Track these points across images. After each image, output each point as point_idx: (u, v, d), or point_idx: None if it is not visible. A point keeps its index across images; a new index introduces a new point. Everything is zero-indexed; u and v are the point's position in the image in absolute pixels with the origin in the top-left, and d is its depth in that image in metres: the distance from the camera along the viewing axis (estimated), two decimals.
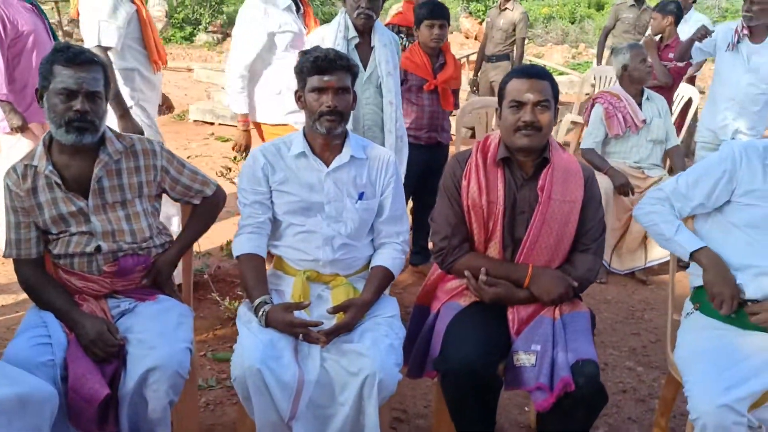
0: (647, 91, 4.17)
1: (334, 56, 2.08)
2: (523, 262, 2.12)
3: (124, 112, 3.04)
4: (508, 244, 2.16)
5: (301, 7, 3.42)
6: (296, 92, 2.19)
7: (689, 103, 5.32)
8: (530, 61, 11.25)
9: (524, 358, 1.99)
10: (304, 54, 2.13)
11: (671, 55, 4.84)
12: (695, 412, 1.82)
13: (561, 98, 7.02)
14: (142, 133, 3.08)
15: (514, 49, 6.33)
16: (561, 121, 5.97)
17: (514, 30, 6.28)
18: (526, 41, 15.37)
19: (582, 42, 15.32)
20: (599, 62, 6.80)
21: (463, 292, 2.19)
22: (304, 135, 2.20)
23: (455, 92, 3.79)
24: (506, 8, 6.20)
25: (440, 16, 3.50)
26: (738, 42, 4.03)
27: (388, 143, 3.02)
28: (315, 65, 2.07)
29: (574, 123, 5.96)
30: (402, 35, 3.78)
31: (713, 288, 2.05)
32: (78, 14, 3.11)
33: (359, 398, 1.89)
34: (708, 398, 1.81)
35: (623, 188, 3.83)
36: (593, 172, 2.22)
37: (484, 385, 1.95)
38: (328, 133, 2.12)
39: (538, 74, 2.09)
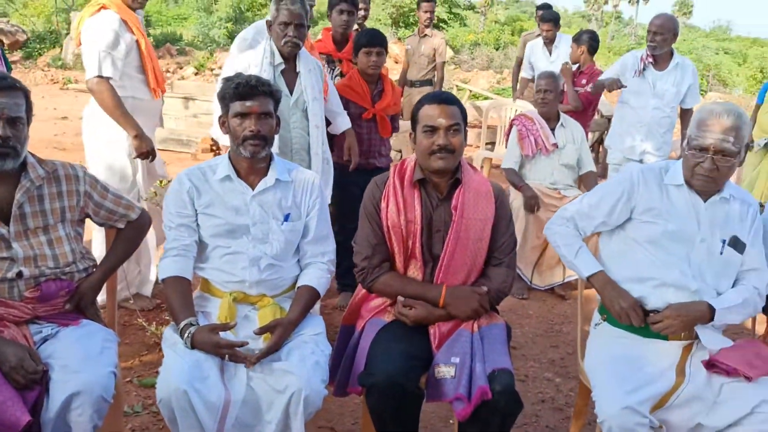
0: (563, 117, 4.42)
1: (255, 82, 2.15)
2: (442, 276, 2.23)
3: (137, 133, 3.12)
4: (428, 260, 2.27)
5: None
6: (220, 117, 2.24)
7: None
8: (456, 86, 11.63)
9: (444, 371, 2.09)
10: (226, 81, 2.19)
11: (584, 82, 5.14)
12: (602, 415, 1.95)
13: (489, 122, 7.25)
14: (154, 152, 3.24)
15: (436, 73, 6.57)
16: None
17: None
18: (453, 67, 15.85)
19: (506, 68, 15.92)
20: (514, 90, 7.11)
21: (386, 309, 2.28)
22: (230, 159, 2.25)
23: (393, 117, 3.92)
24: (426, 35, 6.42)
25: (378, 43, 3.63)
26: (644, 69, 4.33)
27: (315, 166, 3.10)
28: (237, 91, 2.13)
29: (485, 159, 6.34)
30: (323, 63, 3.89)
31: (614, 307, 2.20)
32: (80, 43, 3.18)
33: (286, 415, 1.94)
34: (613, 402, 1.94)
35: (529, 201, 4.05)
36: (503, 191, 2.36)
37: (407, 398, 2.03)
38: (252, 157, 2.18)
39: (448, 100, 2.22)
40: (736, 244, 2.21)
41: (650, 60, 4.32)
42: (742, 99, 14.32)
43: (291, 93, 3.06)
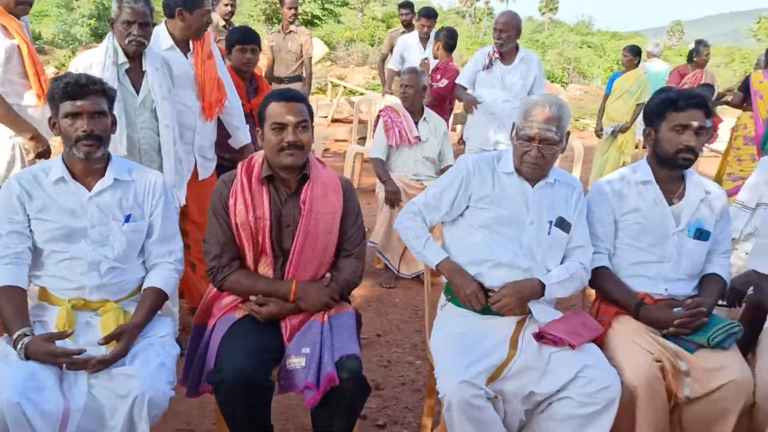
0: (427, 112, 4.61)
1: (86, 81, 2.09)
2: (293, 270, 2.28)
3: (33, 134, 3.05)
4: (278, 255, 2.30)
5: (192, 48, 3.39)
6: (50, 119, 2.16)
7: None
8: (331, 82, 11.67)
9: (295, 362, 2.13)
10: (54, 81, 2.12)
11: (439, 77, 5.35)
12: (442, 390, 2.07)
13: (361, 117, 7.33)
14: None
15: (304, 69, 6.59)
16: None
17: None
18: (329, 63, 15.88)
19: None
20: (383, 85, 7.28)
21: (237, 306, 2.29)
22: (63, 160, 2.18)
23: None
24: (291, 31, 6.42)
25: (251, 41, 3.66)
26: (491, 64, 4.58)
27: (168, 167, 3.03)
28: (66, 91, 2.06)
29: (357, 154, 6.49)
30: None
31: (459, 293, 2.34)
32: None
33: (130, 420, 1.90)
34: (451, 377, 2.07)
35: (390, 196, 4.18)
36: (351, 185, 2.44)
37: (257, 392, 2.05)
38: (86, 158, 2.11)
39: (295, 97, 2.27)
40: (562, 224, 2.41)
41: (497, 56, 4.57)
42: (599, 90, 15.31)
43: (137, 92, 2.98)
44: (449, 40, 5.59)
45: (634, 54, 6.94)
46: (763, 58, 6.87)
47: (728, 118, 8.84)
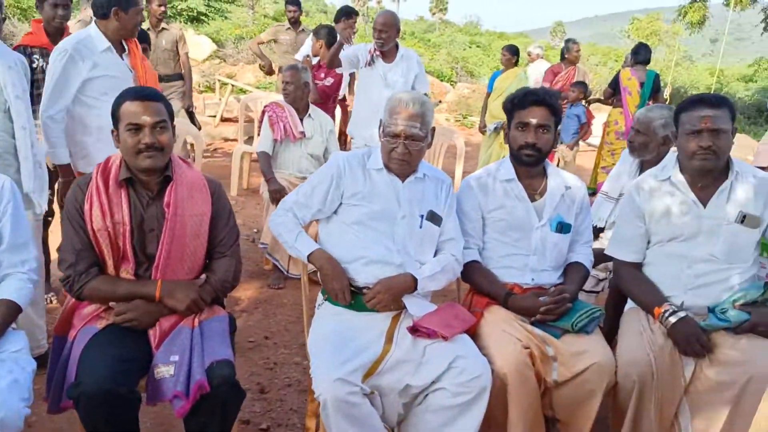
0: (312, 108, 4.59)
1: None
2: (159, 277, 2.18)
3: None
4: (142, 261, 2.20)
5: (126, 48, 3.26)
6: None
7: None
8: (219, 81, 11.38)
9: (163, 370, 2.05)
10: None
11: (323, 75, 5.34)
12: (317, 389, 2.06)
13: (250, 115, 7.15)
14: None
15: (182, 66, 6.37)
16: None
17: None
18: (218, 61, 15.47)
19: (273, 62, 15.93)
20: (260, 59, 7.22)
21: (99, 316, 2.18)
22: None
23: None
24: (163, 28, 6.16)
25: (142, 41, 3.55)
26: (373, 61, 4.62)
27: (25, 170, 2.84)
28: None
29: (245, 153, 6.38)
30: (36, 56, 3.60)
31: (327, 285, 2.35)
32: None
33: None
34: (325, 375, 2.06)
35: (274, 195, 4.14)
36: (220, 185, 2.37)
37: (121, 404, 1.95)
38: None
39: (151, 96, 2.17)
40: (433, 218, 2.46)
41: (377, 54, 4.61)
42: (485, 87, 15.79)
43: None
44: (330, 37, 5.58)
45: (512, 53, 7.21)
46: (630, 56, 7.35)
47: (601, 114, 9.38)
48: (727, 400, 2.19)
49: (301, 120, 4.50)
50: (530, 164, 2.54)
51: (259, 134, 6.69)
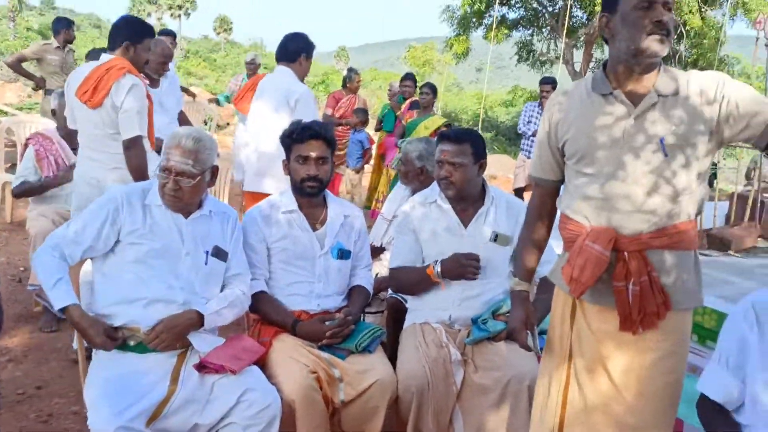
0: None
1: None
2: None
3: None
4: None
5: None
6: None
7: None
8: None
9: None
10: None
11: None
12: None
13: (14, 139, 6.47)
14: None
15: None
16: None
17: None
18: None
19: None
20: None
21: None
22: None
23: None
24: None
25: None
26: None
27: None
28: None
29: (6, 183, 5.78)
30: None
31: (88, 340, 2.20)
32: None
33: None
34: (106, 424, 1.96)
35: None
36: None
37: None
38: None
39: None
40: (219, 254, 2.46)
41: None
42: None
43: None
44: None
45: None
46: (396, 84, 7.96)
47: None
48: (492, 402, 2.46)
49: (74, 150, 4.21)
50: (312, 195, 2.66)
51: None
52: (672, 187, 1.78)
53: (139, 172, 3.22)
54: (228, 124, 14.44)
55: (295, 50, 3.94)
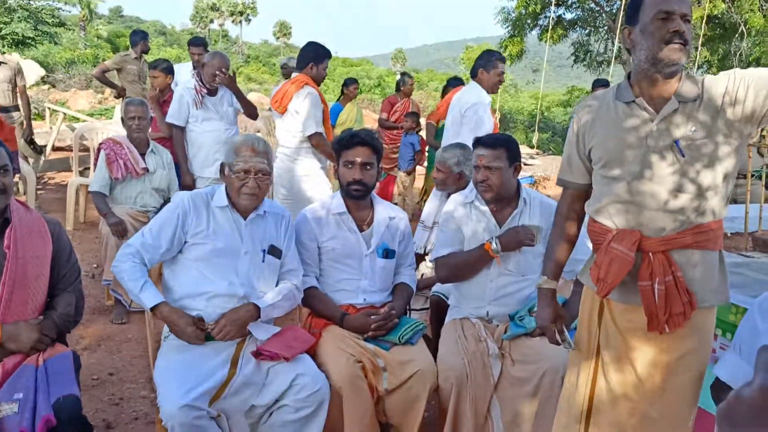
0: (152, 144, 4.61)
1: None
2: (2, 318, 2.21)
3: None
4: None
5: None
6: None
7: None
8: (48, 108, 10.81)
9: (7, 408, 2.08)
10: None
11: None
12: (164, 416, 2.20)
13: (86, 144, 6.88)
14: None
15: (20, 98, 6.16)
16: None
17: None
18: (47, 87, 14.64)
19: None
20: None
21: None
22: None
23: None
24: (1, 62, 5.95)
25: None
26: (203, 99, 4.81)
27: None
28: None
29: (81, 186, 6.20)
30: None
31: (178, 335, 2.45)
32: None
33: None
34: (172, 403, 2.20)
35: (115, 228, 4.13)
36: (59, 224, 2.43)
37: None
38: None
39: None
40: (274, 251, 2.68)
41: (204, 91, 4.82)
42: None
43: None
44: (171, 72, 5.66)
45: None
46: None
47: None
48: (528, 393, 2.60)
49: (143, 155, 4.53)
50: (358, 198, 2.85)
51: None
52: (696, 186, 1.87)
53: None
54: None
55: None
